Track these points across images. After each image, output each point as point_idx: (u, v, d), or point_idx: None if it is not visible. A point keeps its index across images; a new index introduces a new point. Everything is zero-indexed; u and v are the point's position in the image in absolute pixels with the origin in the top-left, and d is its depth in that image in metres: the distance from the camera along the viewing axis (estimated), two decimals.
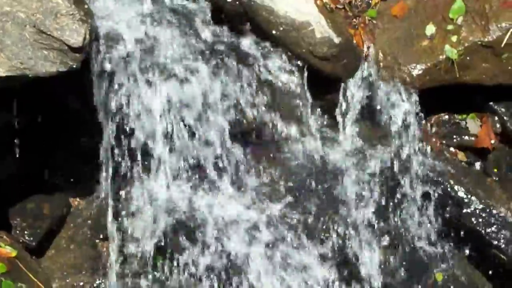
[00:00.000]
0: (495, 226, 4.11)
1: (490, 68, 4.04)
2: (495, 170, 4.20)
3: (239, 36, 3.96)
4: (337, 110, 4.14)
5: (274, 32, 3.96)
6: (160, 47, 3.79)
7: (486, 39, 3.98)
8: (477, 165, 4.23)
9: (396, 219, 4.14)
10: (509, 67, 4.03)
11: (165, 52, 3.76)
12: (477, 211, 4.11)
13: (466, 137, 4.23)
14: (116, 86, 3.76)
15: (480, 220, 4.11)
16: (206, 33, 3.97)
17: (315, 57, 4.01)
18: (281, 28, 3.95)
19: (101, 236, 4.04)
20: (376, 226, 4.07)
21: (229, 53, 3.90)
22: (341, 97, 4.11)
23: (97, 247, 4.06)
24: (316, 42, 3.96)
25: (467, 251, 4.20)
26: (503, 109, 4.21)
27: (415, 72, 4.02)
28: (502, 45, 3.98)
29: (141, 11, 3.92)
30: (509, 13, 4.00)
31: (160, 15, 3.93)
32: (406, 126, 4.09)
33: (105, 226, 3.97)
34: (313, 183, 4.06)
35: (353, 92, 4.10)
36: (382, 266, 4.10)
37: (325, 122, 4.22)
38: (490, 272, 4.18)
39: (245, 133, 4.02)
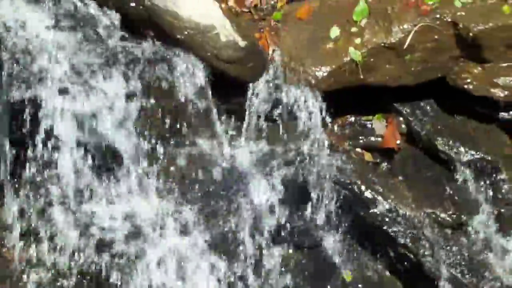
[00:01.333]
0: (401, 225, 4.13)
1: (394, 69, 4.06)
2: (401, 170, 4.28)
3: (143, 41, 3.94)
4: (244, 113, 4.20)
5: (179, 36, 3.89)
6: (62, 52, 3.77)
7: (389, 41, 3.99)
8: (384, 165, 4.27)
9: (302, 219, 4.16)
10: (412, 68, 4.07)
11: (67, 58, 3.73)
12: (384, 211, 4.13)
13: (373, 138, 4.25)
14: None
15: (387, 219, 4.12)
16: (111, 40, 3.94)
17: (221, 61, 3.97)
18: (186, 32, 3.89)
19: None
20: (282, 226, 4.08)
21: (132, 58, 3.87)
22: (247, 100, 4.14)
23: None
24: (221, 45, 3.92)
25: (376, 250, 4.25)
26: (408, 110, 4.25)
27: (320, 75, 4.01)
28: (405, 46, 4.00)
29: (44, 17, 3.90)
30: (411, 15, 4.03)
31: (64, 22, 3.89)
32: (312, 127, 4.10)
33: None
34: (219, 185, 4.06)
35: (260, 95, 4.10)
36: (288, 266, 4.15)
37: (232, 125, 4.22)
38: (399, 271, 4.24)
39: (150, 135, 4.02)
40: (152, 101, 3.84)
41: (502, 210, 4.30)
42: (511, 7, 3.98)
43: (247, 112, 4.10)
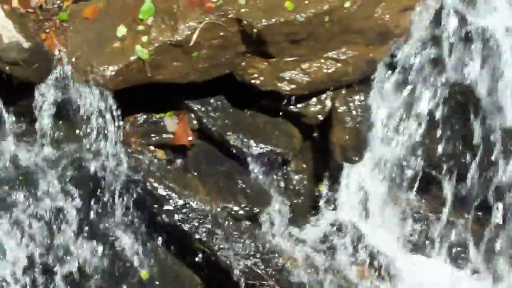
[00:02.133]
0: (196, 220, 4.17)
1: (182, 66, 4.06)
2: (194, 166, 4.31)
3: None
4: (34, 114, 4.11)
5: None
6: None
7: (175, 38, 3.99)
8: (178, 162, 4.28)
9: (97, 218, 4.12)
10: (200, 65, 4.09)
11: None
12: (178, 207, 4.14)
13: (165, 135, 4.24)
14: None
15: (181, 215, 4.14)
16: None
17: (5, 63, 3.86)
18: None
19: None
20: (76, 226, 4.03)
21: None
22: (36, 101, 4.04)
23: None
24: (4, 47, 3.80)
25: (172, 247, 4.26)
26: (198, 106, 4.27)
27: (108, 74, 3.95)
28: (191, 43, 4.03)
29: None
30: (196, 12, 4.04)
31: None
32: (103, 126, 4.09)
33: None
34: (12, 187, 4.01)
35: (48, 95, 3.99)
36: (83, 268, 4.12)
37: (23, 127, 4.14)
38: (196, 265, 4.26)
39: None
40: None
41: (294, 201, 4.45)
42: (293, 3, 4.09)
43: (36, 113, 4.07)
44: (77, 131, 4.06)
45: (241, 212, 4.22)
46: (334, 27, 4.12)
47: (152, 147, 4.25)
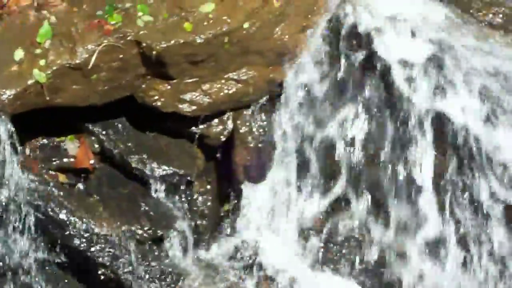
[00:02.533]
0: (98, 245, 4.12)
1: (81, 89, 4.01)
2: (97, 189, 4.26)
3: None
4: None
5: None
6: None
7: (74, 61, 3.93)
8: (80, 185, 4.22)
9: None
10: (100, 88, 4.05)
11: None
12: (80, 232, 4.11)
13: (66, 159, 4.19)
14: None
15: (84, 240, 4.09)
16: None
17: None
18: None
19: None
20: None
21: None
22: None
23: None
24: None
25: (77, 272, 4.18)
26: (100, 129, 4.22)
27: (5, 98, 3.86)
28: (90, 66, 3.99)
29: None
30: (94, 35, 4.01)
31: None
32: (2, 151, 4.02)
33: None
34: None
35: None
36: None
37: None
38: None
39: None
40: None
41: (198, 222, 4.43)
42: (192, 25, 4.10)
43: None
44: None
45: (144, 234, 4.17)
46: (234, 48, 4.14)
47: (53, 172, 4.21)
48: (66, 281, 4.14)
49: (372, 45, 4.15)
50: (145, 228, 4.16)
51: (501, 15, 4.39)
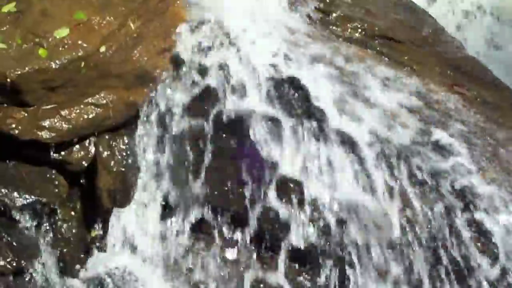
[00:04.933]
0: None
1: None
2: None
3: None
4: None
5: None
6: None
7: None
8: None
9: None
10: None
11: None
12: None
13: None
14: None
15: None
16: None
17: None
18: None
19: None
20: None
21: None
22: None
23: None
24: None
25: None
26: None
27: None
28: None
29: None
30: None
31: None
32: None
33: None
34: None
35: None
36: None
37: None
38: None
39: None
40: None
41: (64, 250, 4.28)
42: (47, 51, 3.95)
43: None
44: None
45: (8, 266, 3.96)
46: (91, 73, 3.97)
47: None
48: None
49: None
50: (8, 260, 3.93)
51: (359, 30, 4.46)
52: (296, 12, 4.32)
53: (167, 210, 4.23)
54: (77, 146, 4.08)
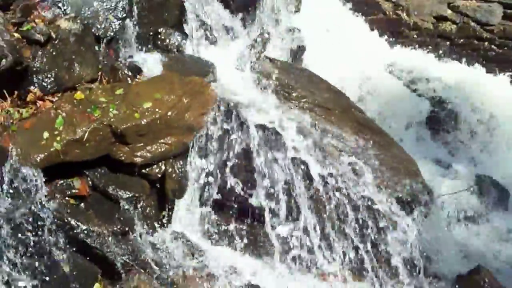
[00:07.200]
0: (93, 238, 7.02)
1: (80, 152, 6.87)
2: (91, 206, 7.11)
3: None
4: None
5: None
6: None
7: (76, 137, 6.82)
8: (82, 204, 7.01)
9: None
10: (90, 151, 6.91)
11: None
12: (83, 230, 6.96)
13: (74, 190, 7.07)
14: None
15: (83, 235, 6.96)
16: None
17: None
18: None
19: None
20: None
21: None
22: None
23: None
24: None
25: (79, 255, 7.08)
26: (92, 173, 7.07)
27: (39, 158, 6.79)
28: (84, 139, 6.85)
29: None
30: (85, 121, 6.93)
31: None
32: (36, 190, 6.82)
33: None
34: None
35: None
36: None
37: None
38: None
39: None
40: None
41: (148, 222, 7.30)
42: (139, 114, 7.04)
43: None
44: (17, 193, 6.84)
45: (118, 230, 7.03)
46: (162, 126, 7.08)
47: (67, 198, 7.06)
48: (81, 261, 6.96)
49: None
50: (118, 226, 7.01)
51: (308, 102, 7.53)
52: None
53: (202, 200, 7.31)
54: (155, 166, 7.20)
